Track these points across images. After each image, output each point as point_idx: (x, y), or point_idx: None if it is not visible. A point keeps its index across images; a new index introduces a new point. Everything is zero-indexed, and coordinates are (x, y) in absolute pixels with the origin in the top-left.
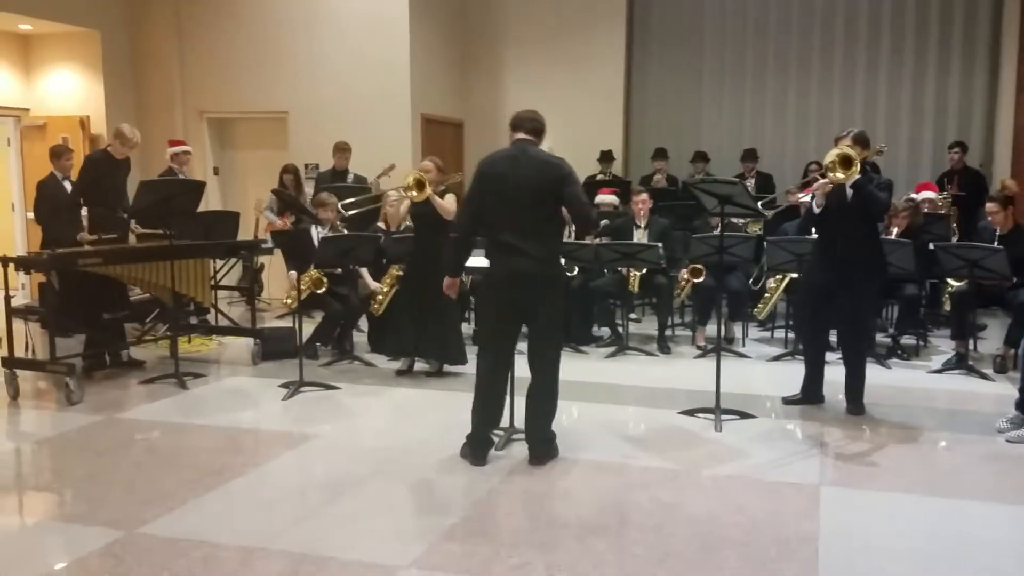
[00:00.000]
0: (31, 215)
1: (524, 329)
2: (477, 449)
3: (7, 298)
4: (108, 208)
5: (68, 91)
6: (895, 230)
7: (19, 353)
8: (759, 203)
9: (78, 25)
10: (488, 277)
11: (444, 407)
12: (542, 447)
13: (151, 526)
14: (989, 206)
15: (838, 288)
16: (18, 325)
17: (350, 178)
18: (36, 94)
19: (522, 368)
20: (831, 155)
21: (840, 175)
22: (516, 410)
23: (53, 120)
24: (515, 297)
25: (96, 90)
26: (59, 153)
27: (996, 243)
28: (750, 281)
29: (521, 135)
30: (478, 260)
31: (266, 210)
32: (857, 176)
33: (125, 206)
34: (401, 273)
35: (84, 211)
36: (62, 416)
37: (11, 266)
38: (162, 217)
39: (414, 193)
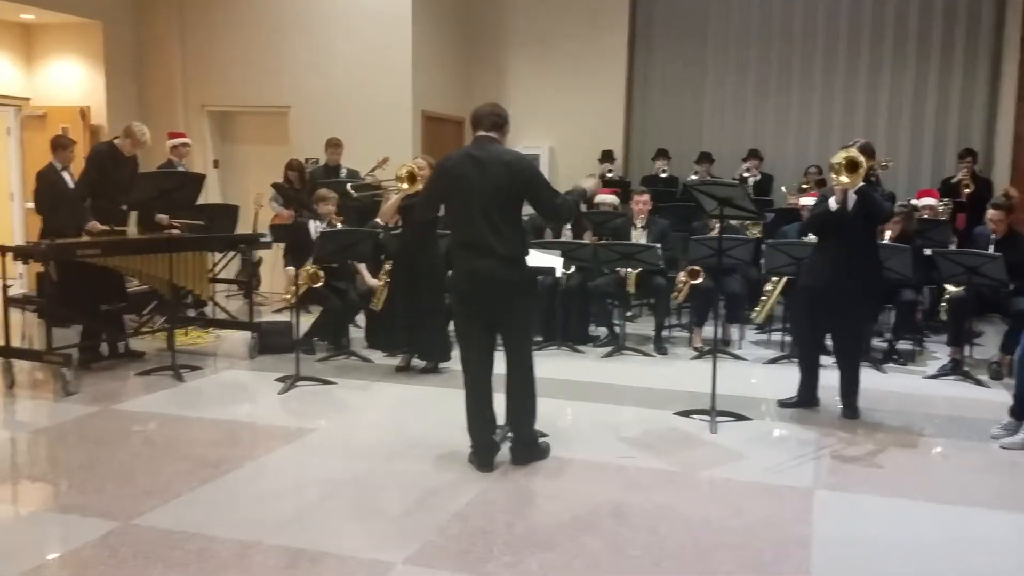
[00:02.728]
0: (30, 205)
1: None
2: (482, 457)
3: (4, 287)
4: (110, 201)
5: (69, 81)
6: (888, 234)
7: (16, 343)
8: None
9: (80, 15)
10: (454, 279)
11: (440, 403)
12: (521, 448)
13: (147, 517)
14: (993, 213)
15: (835, 293)
16: (15, 315)
17: (343, 173)
18: (37, 84)
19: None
20: (839, 157)
21: (845, 179)
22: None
23: (54, 110)
24: (480, 298)
25: (97, 81)
26: (64, 145)
27: (992, 249)
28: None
29: (481, 132)
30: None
31: (272, 202)
32: (861, 183)
33: (126, 200)
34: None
35: (87, 202)
36: (58, 406)
37: (9, 255)
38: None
39: (405, 185)
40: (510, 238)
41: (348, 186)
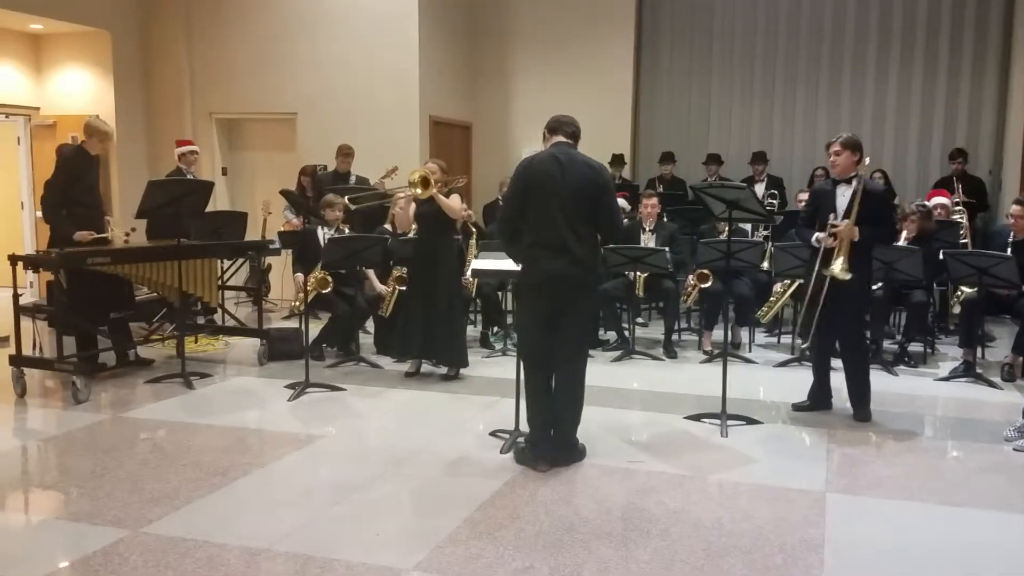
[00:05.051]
0: (40, 214)
1: None
2: (540, 452)
3: (15, 296)
4: (87, 207)
5: (78, 91)
6: (904, 234)
7: (27, 351)
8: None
9: (89, 25)
10: (527, 278)
11: (450, 409)
12: (561, 448)
13: (156, 525)
14: (1016, 208)
15: (831, 294)
16: (26, 323)
17: (352, 180)
18: (46, 93)
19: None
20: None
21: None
22: (522, 413)
23: (63, 119)
24: (550, 296)
25: (106, 90)
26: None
27: (1009, 250)
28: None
29: (560, 138)
30: (500, 263)
31: (285, 210)
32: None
33: (101, 204)
34: (402, 274)
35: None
36: (69, 415)
37: (20, 264)
38: (175, 222)
39: (419, 190)
40: (586, 241)
41: (346, 198)
